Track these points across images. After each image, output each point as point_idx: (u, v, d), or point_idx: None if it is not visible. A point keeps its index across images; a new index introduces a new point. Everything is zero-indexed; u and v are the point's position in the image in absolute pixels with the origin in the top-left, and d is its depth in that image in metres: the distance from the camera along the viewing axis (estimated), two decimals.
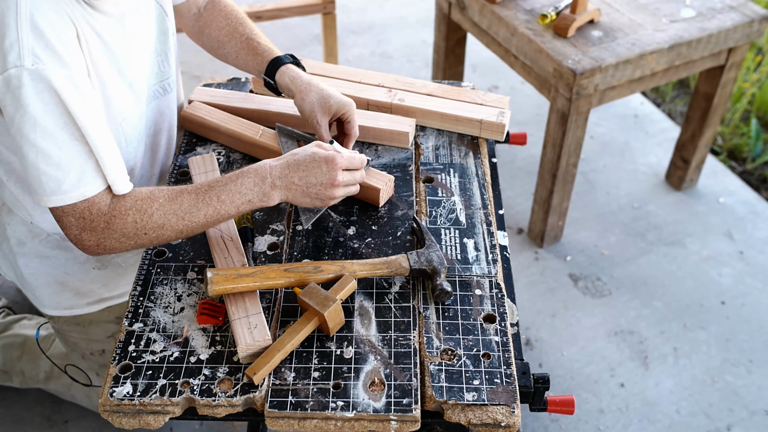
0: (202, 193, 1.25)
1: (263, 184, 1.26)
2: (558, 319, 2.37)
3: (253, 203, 1.27)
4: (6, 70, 1.10)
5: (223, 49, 1.59)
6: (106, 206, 1.21)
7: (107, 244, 1.23)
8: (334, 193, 1.28)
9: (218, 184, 1.26)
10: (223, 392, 1.14)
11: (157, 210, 1.22)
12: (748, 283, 2.49)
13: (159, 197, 1.24)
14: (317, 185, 1.27)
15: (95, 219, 1.20)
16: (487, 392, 1.13)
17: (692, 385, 2.19)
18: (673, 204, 2.78)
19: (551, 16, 2.24)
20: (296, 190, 1.27)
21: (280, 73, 1.50)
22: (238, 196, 1.25)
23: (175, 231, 1.25)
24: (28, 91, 1.10)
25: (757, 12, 2.34)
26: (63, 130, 1.14)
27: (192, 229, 1.26)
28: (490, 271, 1.32)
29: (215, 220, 1.26)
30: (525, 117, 3.17)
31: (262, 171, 1.27)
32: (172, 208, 1.23)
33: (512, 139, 1.70)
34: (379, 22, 3.76)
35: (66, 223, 1.20)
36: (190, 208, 1.24)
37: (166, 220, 1.23)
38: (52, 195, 1.17)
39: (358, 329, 1.22)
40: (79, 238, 1.22)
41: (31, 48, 1.10)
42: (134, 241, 1.23)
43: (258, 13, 2.88)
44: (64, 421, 2.05)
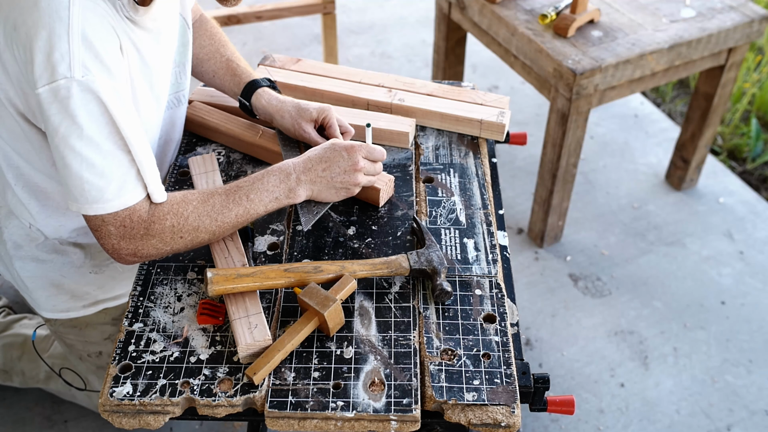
0: (232, 193, 1.28)
1: (288, 181, 1.30)
2: (558, 319, 2.37)
3: (280, 200, 1.30)
4: (55, 81, 1.11)
5: (201, 67, 1.62)
6: (146, 213, 1.23)
7: (144, 252, 1.24)
8: (357, 179, 1.33)
9: (246, 183, 1.29)
10: (223, 392, 1.14)
11: (192, 212, 1.25)
12: (748, 283, 2.49)
13: (192, 200, 1.26)
14: (341, 174, 1.32)
15: (135, 226, 1.22)
16: (487, 392, 1.13)
17: (692, 385, 2.19)
18: (673, 204, 2.78)
19: (551, 16, 2.24)
20: (321, 183, 1.32)
21: (256, 96, 1.54)
22: (266, 194, 1.29)
23: (209, 232, 1.27)
24: (76, 102, 1.12)
25: (757, 12, 2.34)
26: (107, 140, 1.16)
27: (224, 230, 1.28)
28: (490, 271, 1.32)
29: (245, 220, 1.29)
30: (525, 117, 3.17)
31: (286, 168, 1.31)
32: (205, 209, 1.26)
33: (512, 139, 1.70)
34: (379, 22, 3.76)
35: (105, 232, 1.22)
36: (221, 209, 1.26)
37: (201, 222, 1.26)
38: (94, 203, 1.18)
39: (358, 329, 1.22)
40: (117, 247, 1.23)
41: (82, 60, 1.12)
42: (170, 247, 1.25)
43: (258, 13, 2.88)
44: (63, 421, 2.05)
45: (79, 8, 1.12)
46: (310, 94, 1.69)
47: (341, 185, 1.33)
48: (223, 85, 1.59)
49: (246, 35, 3.60)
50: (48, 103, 1.12)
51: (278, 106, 1.52)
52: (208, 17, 1.67)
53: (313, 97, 1.68)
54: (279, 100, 1.53)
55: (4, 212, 1.50)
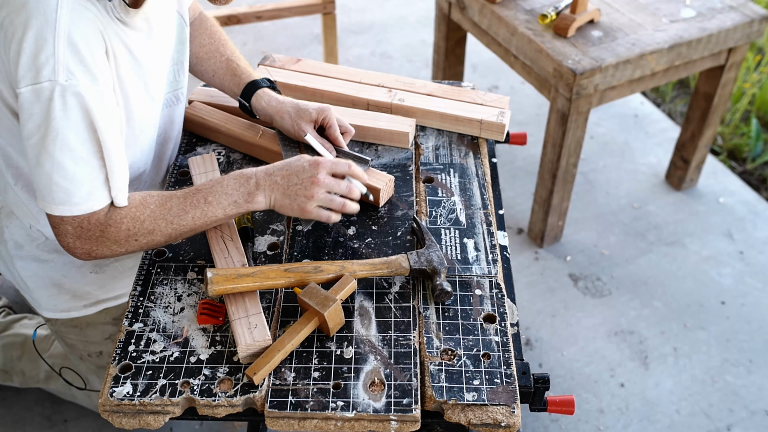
0: (190, 196, 1.27)
1: (248, 184, 1.28)
2: (558, 319, 2.37)
3: (239, 204, 1.28)
4: (39, 83, 1.12)
5: (201, 66, 1.61)
6: (104, 216, 1.23)
7: (98, 252, 1.25)
8: (313, 192, 1.26)
9: (205, 186, 1.28)
10: (223, 392, 1.14)
11: (148, 216, 1.25)
12: (748, 283, 2.49)
13: (150, 203, 1.26)
14: (298, 184, 1.27)
15: (92, 228, 1.23)
16: (487, 392, 1.13)
17: (692, 385, 2.19)
18: (673, 204, 2.78)
19: (551, 16, 2.24)
20: (278, 190, 1.28)
21: (256, 97, 1.53)
22: (224, 197, 1.27)
23: (164, 235, 1.27)
24: (56, 106, 1.13)
25: (757, 12, 2.34)
26: (83, 147, 1.17)
27: (180, 233, 1.27)
28: (490, 271, 1.32)
29: (203, 223, 1.27)
30: (525, 117, 3.17)
31: (247, 172, 1.29)
32: (162, 213, 1.26)
33: (512, 139, 1.70)
34: (379, 22, 3.76)
35: (62, 230, 1.23)
36: (178, 212, 1.26)
37: (156, 225, 1.25)
38: (60, 205, 1.19)
39: (358, 329, 1.22)
40: (73, 246, 1.24)
41: (66, 64, 1.12)
42: (125, 248, 1.26)
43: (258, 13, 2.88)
44: (63, 421, 2.05)
45: (67, 11, 1.12)
46: (310, 94, 1.69)
47: (295, 196, 1.27)
48: (223, 84, 1.59)
49: (246, 35, 3.60)
50: (29, 102, 1.13)
51: (278, 107, 1.52)
52: (207, 15, 1.66)
53: (313, 97, 1.68)
54: (278, 101, 1.53)
55: (5, 212, 1.50)
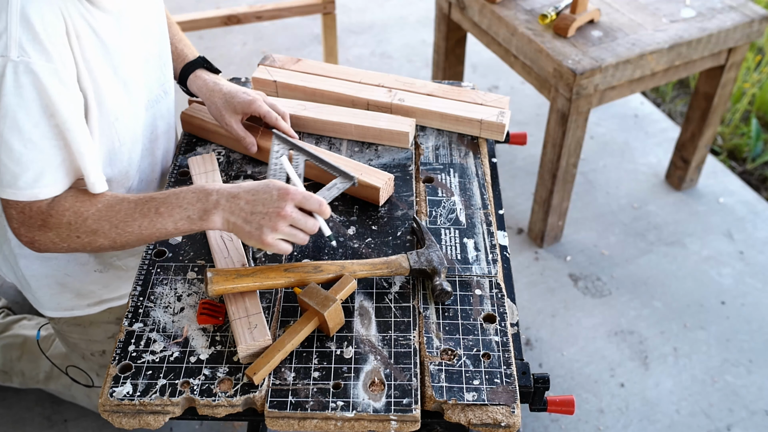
0: (142, 203, 1.21)
1: (206, 201, 1.19)
2: (558, 319, 2.37)
3: (192, 221, 1.20)
4: None
5: None
6: (47, 205, 1.20)
7: (40, 243, 1.22)
8: (277, 225, 1.17)
9: (160, 195, 1.21)
10: (223, 392, 1.14)
11: (93, 214, 1.20)
12: (748, 283, 2.49)
13: (99, 202, 1.22)
14: (261, 213, 1.17)
15: (34, 216, 1.20)
16: (487, 392, 1.13)
17: (692, 385, 2.19)
18: (673, 204, 2.78)
19: (551, 16, 2.24)
20: (239, 215, 1.18)
21: (190, 82, 1.51)
22: (178, 210, 1.19)
23: (108, 239, 1.21)
24: (7, 83, 1.10)
25: (757, 12, 2.34)
26: (34, 129, 1.14)
27: (126, 240, 1.21)
28: (490, 271, 1.32)
29: (150, 234, 1.21)
30: (525, 117, 3.17)
31: (208, 188, 1.21)
32: (108, 214, 1.20)
33: (512, 139, 1.70)
34: (379, 22, 3.76)
35: (8, 214, 1.21)
36: (125, 217, 1.20)
37: (99, 226, 1.20)
38: (6, 187, 1.17)
39: (358, 329, 1.22)
40: (18, 232, 1.22)
41: (19, 40, 1.09)
42: (67, 244, 1.22)
43: (258, 13, 2.88)
44: (63, 421, 2.05)
45: None
46: (310, 94, 1.69)
47: (257, 226, 1.17)
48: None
49: (246, 35, 3.60)
50: None
51: (207, 95, 1.48)
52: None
53: (313, 97, 1.68)
54: (208, 87, 1.48)
55: None
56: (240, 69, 3.37)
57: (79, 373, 1.81)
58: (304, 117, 1.60)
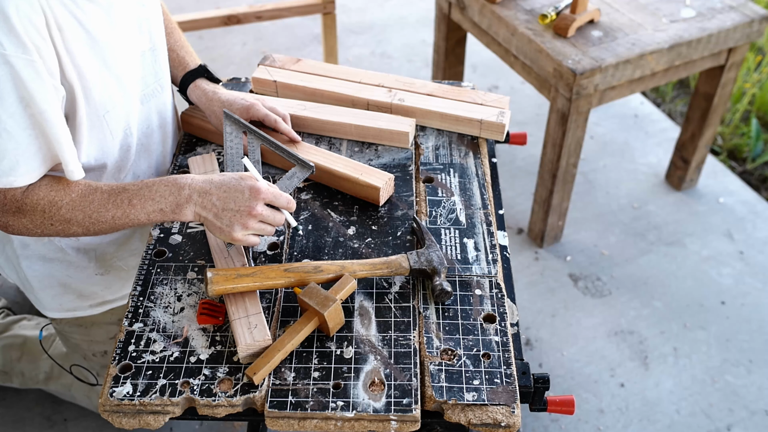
0: (115, 194, 1.23)
1: (179, 195, 1.23)
2: (558, 319, 2.37)
3: (165, 213, 1.23)
4: None
5: None
6: (21, 193, 1.21)
7: (15, 228, 1.24)
8: (248, 223, 1.21)
9: (134, 186, 1.24)
10: (223, 392, 1.14)
11: (67, 204, 1.22)
12: (748, 283, 2.49)
13: (74, 191, 1.23)
14: (234, 210, 1.21)
15: (8, 202, 1.21)
16: (487, 392, 1.13)
17: (692, 385, 2.19)
18: (673, 204, 2.78)
19: (551, 16, 2.24)
20: (211, 210, 1.22)
21: (190, 91, 1.53)
22: (150, 202, 1.23)
23: (82, 227, 1.24)
24: None
25: (757, 12, 2.34)
26: (10, 119, 1.14)
27: (100, 229, 1.25)
28: (490, 271, 1.32)
29: (124, 224, 1.24)
30: (525, 117, 3.17)
31: (181, 181, 1.24)
32: (82, 204, 1.23)
33: (512, 139, 1.70)
34: (379, 22, 3.76)
35: None
36: (98, 208, 1.23)
37: (73, 215, 1.23)
38: None
39: (358, 329, 1.22)
40: None
41: None
42: (41, 230, 1.24)
43: (258, 13, 2.88)
44: (63, 420, 2.05)
45: None
46: (310, 94, 1.69)
47: (228, 222, 1.21)
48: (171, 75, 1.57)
49: (246, 35, 3.60)
50: None
51: (206, 104, 1.50)
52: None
53: (313, 97, 1.68)
54: (207, 97, 1.51)
55: None
56: (240, 69, 3.37)
57: (82, 372, 1.81)
58: (304, 117, 1.60)
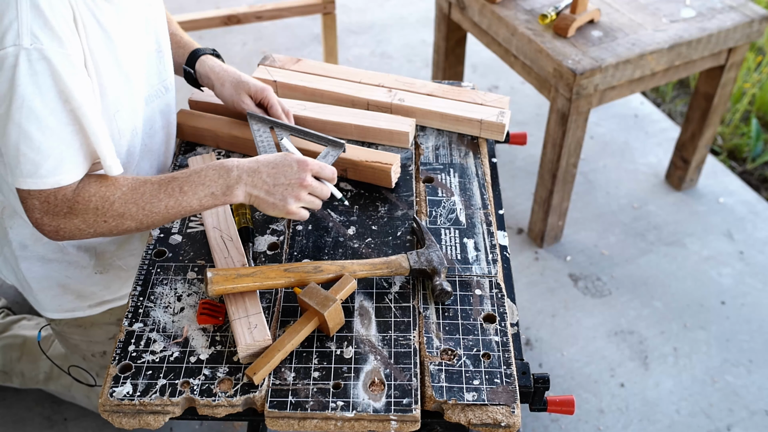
0: (165, 183, 1.23)
1: (228, 177, 1.24)
2: (558, 319, 2.37)
3: (216, 197, 1.24)
4: (3, 48, 1.09)
5: None
6: (72, 192, 1.20)
7: (66, 230, 1.22)
8: (300, 194, 1.25)
9: (182, 175, 1.25)
10: (223, 392, 1.14)
11: (119, 198, 1.22)
12: (748, 283, 2.49)
13: (123, 185, 1.23)
14: (285, 184, 1.24)
15: (59, 204, 1.20)
16: (487, 392, 1.13)
17: (692, 385, 2.19)
18: (673, 204, 2.78)
19: (551, 16, 2.24)
20: (262, 188, 1.24)
21: (200, 63, 1.54)
22: (201, 188, 1.23)
23: (135, 221, 1.23)
24: (22, 71, 1.10)
25: (757, 12, 2.34)
26: (51, 115, 1.14)
27: (153, 221, 1.24)
28: (490, 271, 1.32)
29: (177, 213, 1.24)
30: (525, 117, 3.17)
31: (228, 164, 1.25)
32: (134, 197, 1.22)
33: (512, 139, 1.70)
34: (379, 22, 3.76)
35: (29, 205, 1.20)
36: (151, 199, 1.22)
37: (126, 209, 1.22)
38: (27, 177, 1.16)
39: (358, 329, 1.22)
40: (40, 222, 1.21)
41: (30, 27, 1.09)
42: (93, 229, 1.23)
43: (258, 13, 2.88)
44: (63, 420, 2.05)
45: None
46: (310, 94, 1.69)
47: (281, 197, 1.24)
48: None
49: (246, 35, 3.60)
50: None
51: (220, 74, 1.52)
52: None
53: (313, 97, 1.68)
54: (222, 68, 1.53)
55: (8, 212, 1.49)
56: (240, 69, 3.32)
57: (80, 373, 1.81)
58: (304, 117, 1.60)
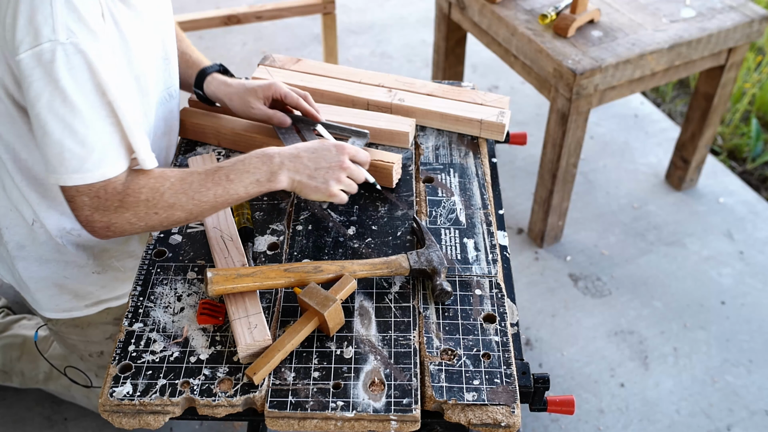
0: (212, 173, 1.26)
1: (271, 163, 1.27)
2: (558, 319, 2.37)
3: (261, 183, 1.27)
4: (39, 44, 1.09)
5: None
6: (121, 185, 1.21)
7: (117, 225, 1.22)
8: (339, 176, 1.31)
9: (227, 164, 1.27)
10: (223, 392, 1.14)
11: (168, 189, 1.23)
12: (748, 283, 2.49)
13: (171, 176, 1.24)
14: (326, 168, 1.30)
15: (110, 198, 1.20)
16: (487, 392, 1.13)
17: (692, 385, 2.19)
18: (673, 204, 2.78)
19: (551, 16, 2.24)
20: (304, 173, 1.29)
21: (206, 84, 1.54)
22: (247, 175, 1.26)
23: (185, 211, 1.24)
24: (60, 66, 1.10)
25: (757, 12, 2.34)
26: (91, 108, 1.14)
27: (202, 210, 1.26)
28: (490, 271, 1.32)
29: (224, 201, 1.26)
30: (525, 117, 3.17)
31: (270, 151, 1.29)
32: (183, 187, 1.23)
33: (512, 139, 1.70)
34: (379, 22, 3.76)
35: (79, 203, 1.20)
36: (199, 188, 1.24)
37: (177, 199, 1.23)
38: (73, 173, 1.16)
39: (358, 329, 1.22)
40: (90, 219, 1.21)
41: (65, 22, 1.10)
42: (144, 222, 1.23)
43: (258, 13, 2.88)
44: (63, 420, 2.05)
45: None
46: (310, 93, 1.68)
47: (322, 180, 1.30)
48: (181, 79, 1.58)
49: (246, 35, 3.60)
50: (30, 68, 1.10)
51: (226, 90, 1.52)
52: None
53: (313, 97, 1.68)
54: (226, 84, 1.52)
55: (3, 211, 1.49)
56: (240, 69, 3.37)
57: (77, 374, 1.81)
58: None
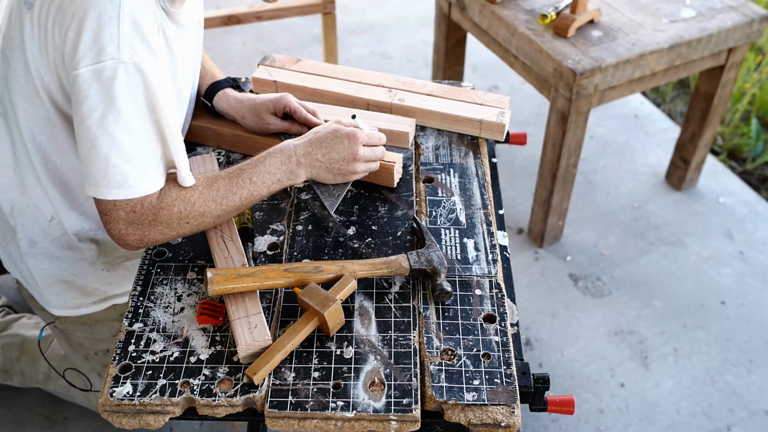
0: (235, 176, 1.29)
1: (289, 163, 1.32)
2: (558, 319, 2.37)
3: (282, 182, 1.32)
4: (101, 62, 1.11)
5: None
6: (156, 199, 1.23)
7: (150, 237, 1.25)
8: (355, 168, 1.35)
9: (248, 167, 1.30)
10: (223, 392, 1.14)
11: (198, 198, 1.26)
12: (748, 283, 2.49)
13: (198, 186, 1.27)
14: (339, 161, 1.34)
15: (145, 212, 1.22)
16: (487, 392, 1.13)
17: (692, 385, 2.19)
18: (673, 204, 2.78)
19: (551, 16, 2.24)
20: (320, 167, 1.34)
21: (217, 99, 1.56)
22: (268, 176, 1.30)
23: (214, 217, 1.28)
24: (120, 84, 1.12)
25: (757, 12, 2.34)
26: (141, 126, 1.17)
27: (228, 214, 1.30)
28: (490, 271, 1.32)
29: (249, 202, 1.31)
30: (525, 117, 3.17)
31: (287, 150, 1.32)
32: (211, 194, 1.27)
33: (512, 139, 1.70)
34: (379, 22, 3.76)
35: (114, 216, 1.22)
36: (226, 193, 1.28)
37: (206, 207, 1.27)
38: (115, 188, 1.18)
39: (358, 329, 1.22)
40: (124, 232, 1.23)
41: (130, 41, 1.12)
42: (176, 232, 1.27)
43: (258, 13, 2.88)
44: (64, 419, 2.05)
45: None
46: (310, 94, 1.69)
47: (339, 172, 1.35)
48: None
49: (246, 35, 3.60)
50: (88, 83, 1.12)
51: (238, 108, 1.54)
52: None
53: (313, 97, 1.68)
54: (237, 100, 1.54)
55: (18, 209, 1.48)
56: (240, 69, 3.37)
57: (75, 376, 1.81)
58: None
